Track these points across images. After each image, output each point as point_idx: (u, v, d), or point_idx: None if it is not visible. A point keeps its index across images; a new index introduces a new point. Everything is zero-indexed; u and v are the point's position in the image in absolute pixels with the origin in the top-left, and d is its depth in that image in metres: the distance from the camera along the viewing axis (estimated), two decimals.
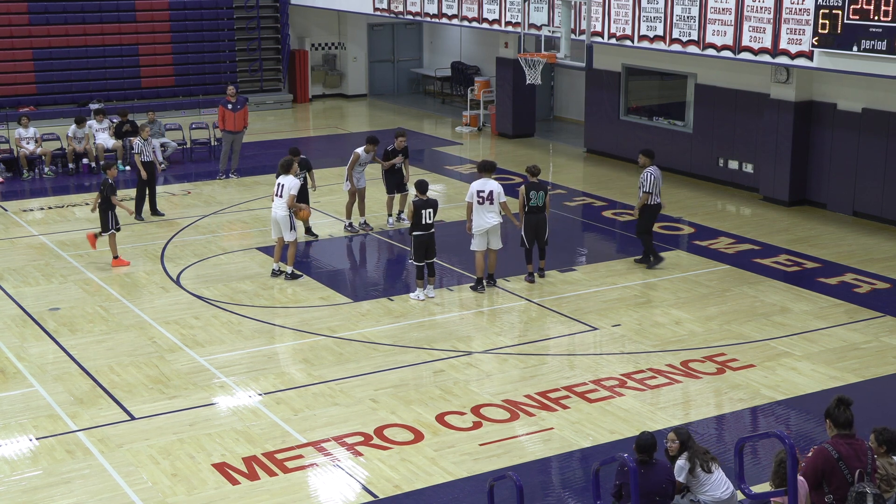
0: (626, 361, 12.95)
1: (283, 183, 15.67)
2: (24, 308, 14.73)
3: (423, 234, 14.95)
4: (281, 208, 15.68)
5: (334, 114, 30.53)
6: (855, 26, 15.26)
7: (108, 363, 12.90)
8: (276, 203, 15.77)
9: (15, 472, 10.37)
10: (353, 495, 10.00)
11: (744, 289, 15.42)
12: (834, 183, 19.18)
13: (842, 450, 8.02)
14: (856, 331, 13.85)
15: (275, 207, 15.79)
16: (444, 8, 24.43)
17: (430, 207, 15.02)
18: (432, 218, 15.05)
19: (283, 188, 15.65)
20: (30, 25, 28.20)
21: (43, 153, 22.52)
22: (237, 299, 15.10)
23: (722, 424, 11.46)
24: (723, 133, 21.28)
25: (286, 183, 15.64)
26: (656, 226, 18.62)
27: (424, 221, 14.93)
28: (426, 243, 15.00)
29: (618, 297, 15.15)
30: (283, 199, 15.64)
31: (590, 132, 24.64)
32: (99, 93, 28.28)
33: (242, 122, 22.22)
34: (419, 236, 14.94)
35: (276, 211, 15.77)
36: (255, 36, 30.80)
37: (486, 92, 27.78)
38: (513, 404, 11.79)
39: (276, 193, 15.76)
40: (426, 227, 14.97)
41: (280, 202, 15.69)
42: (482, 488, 9.56)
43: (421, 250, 14.97)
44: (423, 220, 14.92)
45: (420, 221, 14.91)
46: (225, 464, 10.49)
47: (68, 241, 17.77)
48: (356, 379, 12.45)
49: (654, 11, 19.07)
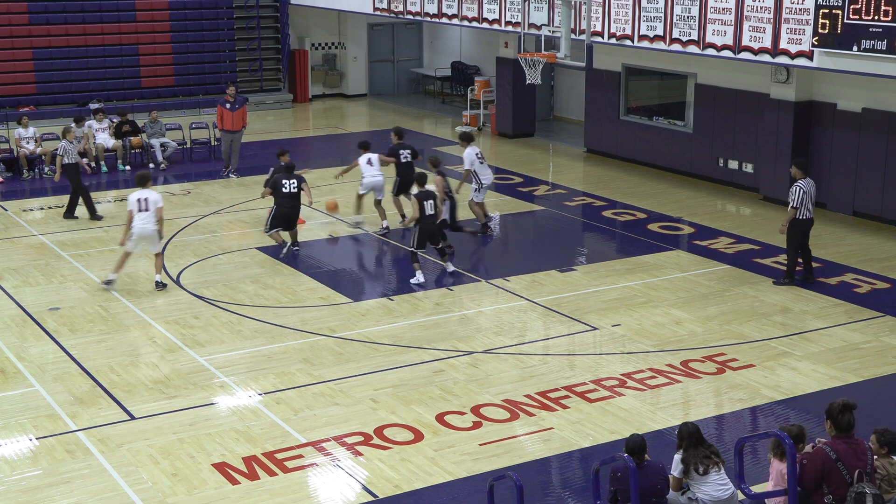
0: (626, 361, 12.95)
1: (147, 197, 15.20)
2: (24, 308, 14.73)
3: (428, 225, 15.57)
4: (149, 222, 15.16)
5: (334, 114, 30.53)
6: (855, 26, 15.26)
7: (108, 363, 12.90)
8: (141, 218, 15.15)
9: (15, 472, 10.37)
10: (353, 495, 10.00)
11: (744, 289, 15.42)
12: (834, 183, 19.18)
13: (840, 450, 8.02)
14: (856, 331, 13.84)
15: (141, 222, 15.15)
16: (444, 8, 24.43)
17: (430, 199, 15.65)
18: (434, 209, 15.66)
19: (147, 202, 15.16)
20: (30, 25, 28.21)
21: (43, 153, 22.52)
22: (237, 299, 15.10)
23: (722, 424, 11.45)
24: (723, 133, 21.28)
25: (150, 197, 15.22)
26: (656, 225, 18.66)
27: (427, 212, 15.53)
28: (430, 232, 15.67)
29: (618, 297, 15.15)
30: (150, 212, 15.13)
31: (590, 132, 24.64)
32: (99, 93, 28.28)
33: (241, 122, 22.25)
34: (424, 227, 15.53)
35: (143, 226, 15.15)
36: (255, 36, 30.80)
37: (486, 92, 27.78)
38: (513, 404, 11.79)
39: (140, 208, 15.18)
40: (430, 218, 15.58)
41: (147, 216, 15.14)
42: (482, 488, 9.56)
43: (424, 239, 15.59)
44: (425, 210, 15.50)
45: (423, 212, 15.49)
46: (225, 464, 10.50)
47: (68, 241, 17.77)
48: (356, 379, 12.45)
49: (654, 11, 19.07)
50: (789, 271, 15.54)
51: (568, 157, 24.61)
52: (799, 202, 15.05)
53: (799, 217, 15.13)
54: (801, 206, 15.07)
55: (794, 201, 15.09)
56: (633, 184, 21.72)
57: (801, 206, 15.07)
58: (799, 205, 15.05)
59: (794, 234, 15.28)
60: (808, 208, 15.16)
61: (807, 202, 15.11)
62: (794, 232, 15.26)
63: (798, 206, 15.06)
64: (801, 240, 15.38)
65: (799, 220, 15.16)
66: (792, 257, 15.49)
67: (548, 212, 19.88)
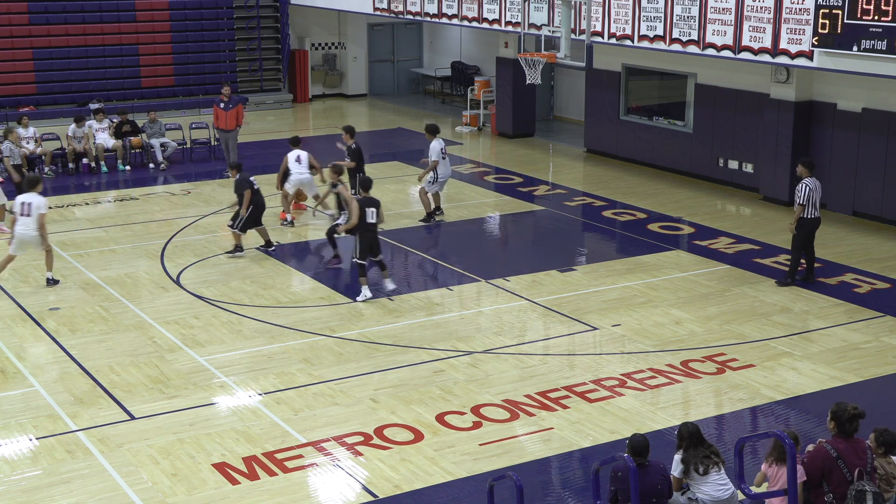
0: (626, 361, 12.95)
1: (31, 202, 15.13)
2: (24, 308, 14.73)
3: (369, 234, 14.89)
4: (30, 228, 15.08)
5: (334, 114, 30.53)
6: (855, 26, 15.26)
7: (108, 363, 12.90)
8: (23, 223, 15.07)
9: (15, 472, 10.36)
10: (353, 495, 10.00)
11: (744, 289, 15.42)
12: (834, 183, 19.17)
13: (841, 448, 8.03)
14: (856, 331, 13.84)
15: (23, 227, 15.07)
16: (444, 8, 24.43)
17: (373, 206, 14.92)
18: (375, 217, 14.90)
19: (30, 207, 15.08)
20: (30, 25, 28.21)
21: (43, 153, 22.52)
22: (237, 299, 15.10)
23: (722, 424, 11.45)
24: (723, 133, 21.28)
25: (34, 202, 15.14)
26: (656, 225, 18.66)
27: (369, 220, 14.83)
28: (371, 242, 14.93)
29: (618, 297, 15.15)
30: (32, 217, 15.04)
31: (590, 132, 24.64)
32: (99, 93, 28.29)
33: (234, 121, 22.31)
34: (364, 235, 14.87)
35: (24, 231, 15.08)
36: (255, 36, 30.81)
37: (486, 92, 27.78)
38: (513, 404, 11.78)
39: (22, 213, 15.08)
40: (371, 227, 14.89)
41: (28, 221, 15.05)
42: (482, 488, 9.56)
43: (366, 249, 14.92)
44: (367, 218, 14.82)
45: (365, 220, 14.80)
46: (225, 464, 10.50)
47: (68, 241, 17.77)
48: (356, 379, 12.45)
49: (654, 11, 19.07)
50: (791, 271, 15.52)
51: (568, 157, 24.61)
52: (806, 199, 14.98)
53: (806, 216, 15.07)
54: (808, 204, 15.01)
55: (800, 198, 15.00)
56: (633, 184, 21.72)
57: (809, 203, 15.00)
58: (805, 201, 14.98)
59: (800, 234, 15.22)
60: (815, 207, 15.08)
61: (815, 200, 15.03)
62: (800, 231, 15.20)
63: (805, 203, 14.99)
64: (806, 239, 15.33)
65: (806, 219, 15.09)
66: (795, 257, 15.45)
67: (548, 212, 19.88)
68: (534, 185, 21.83)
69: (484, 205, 20.33)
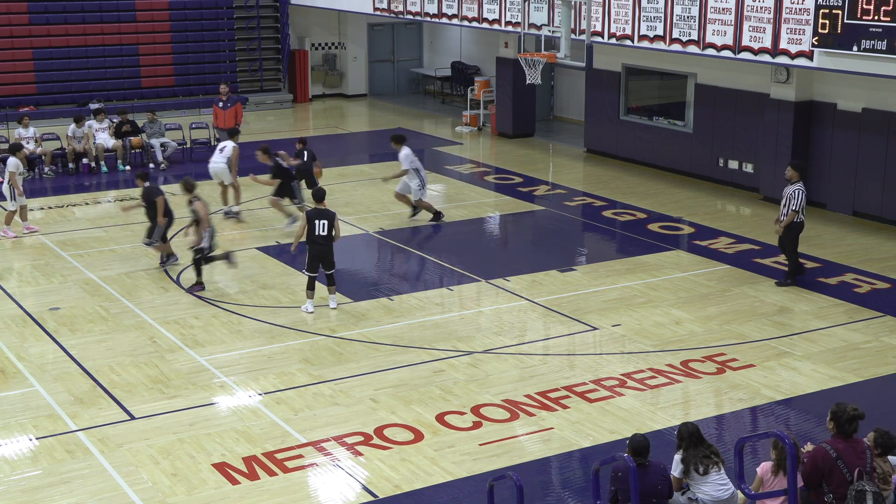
0: (626, 361, 12.95)
1: None
2: (24, 308, 14.73)
3: (316, 246, 14.28)
4: None
5: (334, 114, 30.53)
6: (855, 26, 15.26)
7: (108, 363, 12.90)
8: None
9: (15, 472, 10.36)
10: (353, 495, 10.00)
11: (744, 289, 15.42)
12: (834, 183, 19.18)
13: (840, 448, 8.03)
14: (856, 331, 13.85)
15: None
16: (444, 8, 24.43)
17: (324, 218, 14.27)
18: (326, 230, 14.25)
19: None
20: (30, 25, 28.21)
21: (43, 153, 22.52)
22: (237, 299, 15.10)
23: (722, 424, 11.46)
24: (723, 133, 21.28)
25: None
26: (656, 225, 18.68)
27: (318, 233, 14.22)
28: (319, 256, 14.32)
29: (618, 297, 15.15)
30: None
31: (590, 132, 24.64)
32: (99, 93, 28.28)
33: (233, 120, 22.31)
34: (312, 247, 14.30)
35: None
36: (255, 36, 30.80)
37: (486, 92, 27.77)
38: (513, 404, 11.78)
39: None
40: (320, 240, 14.25)
41: None
42: (482, 488, 9.56)
43: (315, 262, 14.36)
44: (315, 230, 14.23)
45: (312, 232, 14.24)
46: (225, 464, 10.50)
47: (68, 241, 17.77)
48: (356, 379, 12.45)
49: (654, 11, 19.07)
50: (791, 272, 15.53)
51: (568, 157, 24.61)
52: (800, 205, 14.97)
53: (797, 221, 15.10)
54: (800, 210, 15.03)
55: (795, 204, 14.96)
56: (633, 184, 21.72)
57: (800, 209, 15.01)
58: (799, 207, 14.98)
59: (793, 236, 15.24)
60: (804, 211, 15.16)
61: (804, 204, 15.08)
62: (794, 233, 15.22)
63: (798, 209, 14.98)
64: (797, 240, 15.39)
65: (796, 223, 15.11)
66: (793, 259, 15.46)
67: (548, 212, 19.88)
68: (534, 185, 21.83)
69: (484, 205, 20.34)
